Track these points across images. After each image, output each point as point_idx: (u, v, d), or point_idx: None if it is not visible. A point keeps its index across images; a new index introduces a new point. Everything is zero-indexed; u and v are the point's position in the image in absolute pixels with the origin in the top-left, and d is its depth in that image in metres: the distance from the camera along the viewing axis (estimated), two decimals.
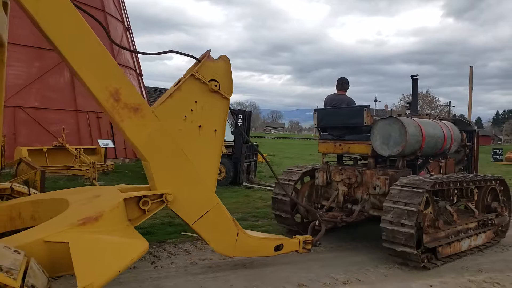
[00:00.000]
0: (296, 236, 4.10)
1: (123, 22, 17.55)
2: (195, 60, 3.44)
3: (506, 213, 5.57)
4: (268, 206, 6.81)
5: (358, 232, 5.69)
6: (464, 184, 4.83)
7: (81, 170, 9.44)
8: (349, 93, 6.22)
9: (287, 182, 5.48)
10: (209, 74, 3.38)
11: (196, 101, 3.35)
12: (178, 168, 3.24)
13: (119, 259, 2.46)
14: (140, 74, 18.75)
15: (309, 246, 4.09)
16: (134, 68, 17.82)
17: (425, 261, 4.22)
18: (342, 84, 6.07)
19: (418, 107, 7.16)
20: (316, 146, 6.18)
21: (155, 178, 3.16)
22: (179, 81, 3.47)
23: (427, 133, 4.97)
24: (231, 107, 3.64)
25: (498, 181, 5.61)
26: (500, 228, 5.49)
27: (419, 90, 6.03)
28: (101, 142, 11.21)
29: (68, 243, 2.34)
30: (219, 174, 9.60)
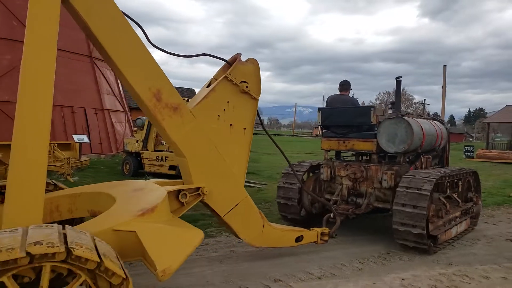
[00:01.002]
0: (314, 228, 4.36)
1: None
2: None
3: (480, 202, 6.19)
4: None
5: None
6: (454, 177, 5.34)
7: (55, 165, 9.20)
8: (327, 90, 6.44)
9: (288, 179, 5.75)
10: (240, 76, 3.63)
11: (228, 101, 3.61)
12: (212, 164, 3.46)
13: (185, 245, 2.71)
14: None
15: (326, 238, 4.38)
16: None
17: (431, 245, 4.67)
18: (344, 85, 6.34)
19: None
20: (294, 143, 6.42)
21: (192, 173, 3.35)
22: (209, 82, 3.77)
23: (426, 132, 5.38)
24: None
25: (473, 174, 6.15)
26: (474, 215, 6.05)
27: (395, 88, 6.46)
28: (76, 137, 10.96)
29: (135, 231, 2.55)
30: None
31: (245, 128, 3.74)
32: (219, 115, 3.56)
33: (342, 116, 5.77)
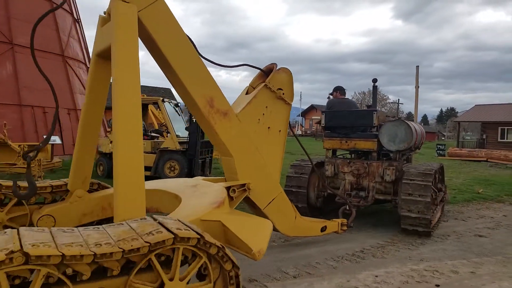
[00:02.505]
0: (334, 219, 4.75)
1: (71, 14, 16.69)
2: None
3: (447, 192, 7.29)
4: None
5: None
6: (436, 171, 6.07)
7: (25, 167, 8.90)
8: (305, 90, 6.82)
9: (299, 176, 6.31)
10: (277, 84, 4.11)
11: (266, 107, 4.07)
12: (254, 163, 3.85)
13: (264, 230, 3.09)
14: None
15: (345, 228, 4.79)
16: (84, 62, 17.03)
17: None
18: (343, 90, 7.03)
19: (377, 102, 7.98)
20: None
21: (238, 171, 3.73)
22: (247, 90, 4.27)
23: (417, 132, 6.13)
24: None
25: (441, 168, 6.97)
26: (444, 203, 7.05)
27: (370, 89, 7.18)
28: None
29: (219, 221, 2.91)
30: (173, 171, 9.43)
31: (280, 130, 4.20)
32: (259, 119, 4.02)
33: (347, 118, 6.33)
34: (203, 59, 3.55)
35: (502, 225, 6.42)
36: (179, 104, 11.60)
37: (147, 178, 3.48)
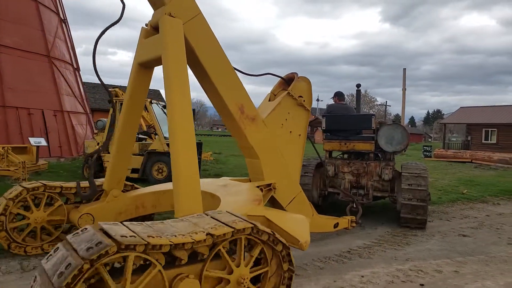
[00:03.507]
0: (344, 216, 4.97)
1: (57, 13, 16.48)
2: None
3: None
4: None
5: None
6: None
7: (8, 170, 8.77)
8: None
9: (303, 175, 6.43)
10: (298, 91, 4.48)
11: (289, 113, 4.43)
12: (278, 164, 4.16)
13: (304, 225, 3.33)
14: (78, 69, 17.76)
15: (354, 224, 4.99)
16: (70, 63, 16.83)
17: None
18: (342, 96, 7.47)
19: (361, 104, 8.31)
20: None
21: (264, 172, 4.03)
22: (269, 97, 4.67)
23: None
24: None
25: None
26: None
27: (356, 96, 7.55)
28: (33, 140, 10.48)
29: (263, 216, 3.17)
30: (161, 173, 9.38)
31: (300, 135, 4.56)
32: (282, 124, 4.38)
33: (346, 122, 6.82)
34: None
35: (485, 225, 6.55)
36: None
37: (134, 180, 3.55)
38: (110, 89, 11.28)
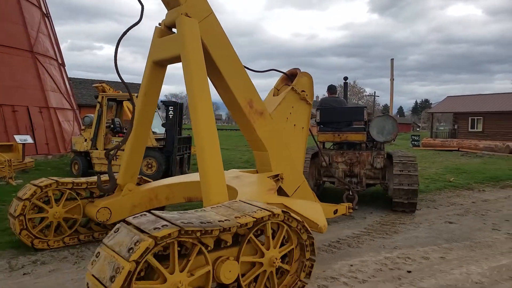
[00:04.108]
0: (342, 203, 5.11)
1: (40, 8, 16.14)
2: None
3: None
4: None
5: None
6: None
7: None
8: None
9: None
10: (301, 86, 4.76)
11: (293, 107, 4.71)
12: (284, 156, 4.38)
13: (320, 211, 3.65)
14: (63, 64, 17.47)
15: (351, 210, 5.14)
16: (55, 58, 16.54)
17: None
18: (335, 89, 7.76)
19: (348, 96, 8.53)
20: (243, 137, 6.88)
21: (272, 163, 4.25)
22: (274, 92, 4.97)
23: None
24: (165, 98, 4.48)
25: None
26: None
27: (348, 81, 7.77)
28: (18, 138, 10.33)
29: (282, 203, 3.39)
30: (150, 168, 9.32)
31: (303, 127, 4.86)
32: (287, 118, 4.64)
33: (339, 114, 7.09)
34: None
35: (470, 212, 6.68)
36: None
37: None
38: (96, 84, 11.14)
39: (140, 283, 2.19)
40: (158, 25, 3.91)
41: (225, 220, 2.53)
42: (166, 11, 3.83)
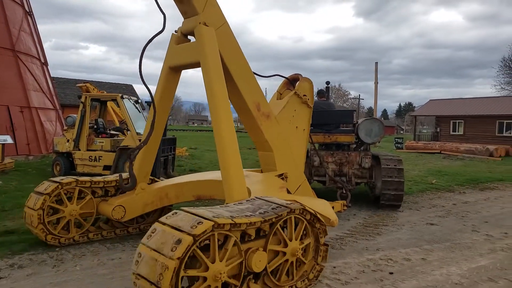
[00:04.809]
0: (337, 201, 5.22)
1: (22, 6, 15.80)
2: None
3: None
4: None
5: None
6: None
7: None
8: (270, 86, 7.52)
9: None
10: (302, 90, 5.15)
11: (295, 110, 5.09)
12: (287, 156, 4.68)
13: (328, 207, 4.02)
14: (45, 64, 17.12)
15: (345, 207, 5.29)
16: (37, 57, 16.20)
17: None
18: (324, 93, 8.16)
19: (332, 100, 8.80)
20: (240, 139, 6.89)
21: (277, 163, 4.54)
22: (276, 96, 5.43)
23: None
24: (149, 100, 4.67)
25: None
26: None
27: (333, 84, 8.12)
28: None
29: (294, 200, 3.51)
30: None
31: (304, 129, 5.23)
32: (290, 120, 5.01)
33: (329, 117, 7.48)
34: None
35: (451, 213, 6.81)
36: (139, 101, 11.30)
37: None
38: (80, 84, 10.97)
39: (189, 271, 2.50)
40: (174, 32, 4.14)
41: (264, 212, 2.93)
42: (153, 13, 3.96)
